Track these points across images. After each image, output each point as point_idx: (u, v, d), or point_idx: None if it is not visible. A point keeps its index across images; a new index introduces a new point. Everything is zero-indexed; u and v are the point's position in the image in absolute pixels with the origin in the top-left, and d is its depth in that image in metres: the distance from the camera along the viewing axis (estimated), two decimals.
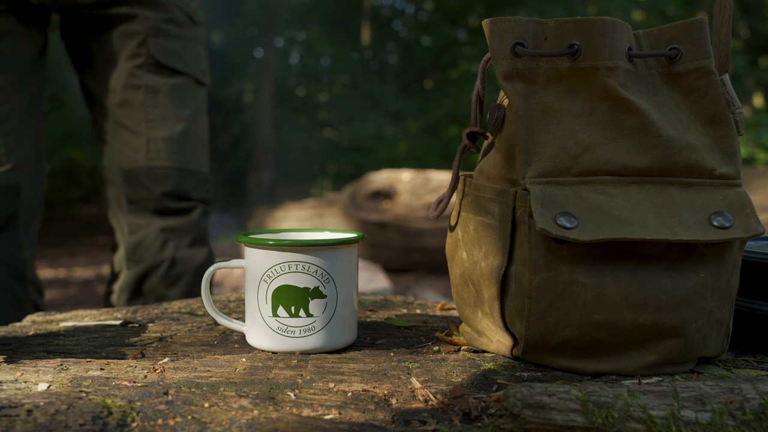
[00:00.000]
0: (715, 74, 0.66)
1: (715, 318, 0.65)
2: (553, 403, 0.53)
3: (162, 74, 1.36)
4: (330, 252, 0.71)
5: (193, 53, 1.40)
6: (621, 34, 0.65)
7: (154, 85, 1.35)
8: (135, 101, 1.35)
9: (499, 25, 0.65)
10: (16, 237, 1.29)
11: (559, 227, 0.60)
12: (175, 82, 1.37)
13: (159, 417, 0.54)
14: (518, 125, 0.64)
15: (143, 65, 1.35)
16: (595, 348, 0.64)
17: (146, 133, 1.35)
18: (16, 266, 1.28)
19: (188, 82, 1.39)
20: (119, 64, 1.35)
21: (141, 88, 1.35)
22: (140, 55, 1.34)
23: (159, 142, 1.36)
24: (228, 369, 0.66)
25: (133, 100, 1.35)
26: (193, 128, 1.39)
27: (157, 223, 1.36)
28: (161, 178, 1.36)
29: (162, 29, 1.35)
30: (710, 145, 0.65)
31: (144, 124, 1.35)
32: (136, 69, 1.35)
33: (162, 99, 1.36)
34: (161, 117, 1.36)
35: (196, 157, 1.41)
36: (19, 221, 1.30)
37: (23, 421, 0.51)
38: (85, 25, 1.37)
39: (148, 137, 1.35)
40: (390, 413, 0.56)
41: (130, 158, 1.36)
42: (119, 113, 1.36)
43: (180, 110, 1.37)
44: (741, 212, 0.63)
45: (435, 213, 0.74)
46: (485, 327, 0.71)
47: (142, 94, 1.35)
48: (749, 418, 0.54)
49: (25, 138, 1.32)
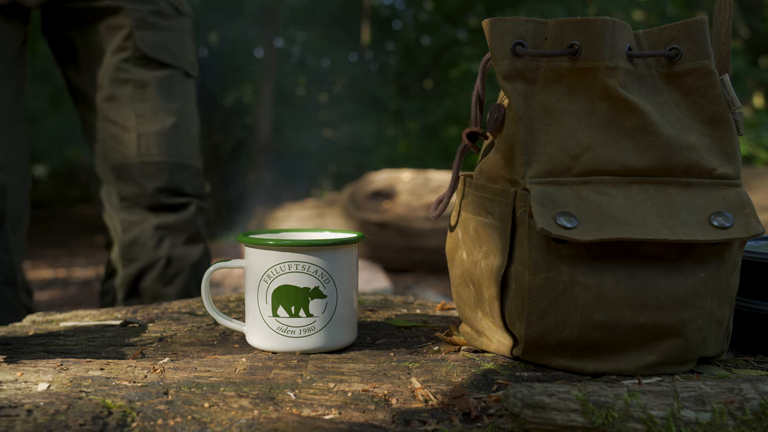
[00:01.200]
0: (715, 74, 0.66)
1: (715, 318, 0.65)
2: (553, 403, 0.53)
3: (149, 67, 1.33)
4: (330, 252, 0.71)
5: (181, 45, 1.37)
6: (621, 34, 0.65)
7: (142, 78, 1.32)
8: (123, 96, 1.32)
9: (499, 25, 0.65)
10: (3, 239, 1.27)
11: (559, 227, 0.60)
12: (164, 75, 1.34)
13: (159, 417, 0.54)
14: (518, 125, 0.64)
15: (130, 59, 1.32)
16: (595, 348, 0.64)
17: (136, 128, 1.32)
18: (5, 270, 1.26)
19: (177, 74, 1.37)
20: (105, 58, 1.32)
21: (129, 83, 1.32)
22: (127, 49, 1.31)
23: (150, 137, 1.33)
24: (228, 369, 0.66)
25: (121, 94, 1.32)
26: (184, 122, 1.37)
27: (152, 220, 1.34)
28: (154, 174, 1.33)
29: (148, 21, 1.32)
30: (710, 145, 0.65)
31: (134, 119, 1.32)
32: (123, 63, 1.32)
33: (151, 93, 1.33)
34: (151, 111, 1.33)
35: (188, 150, 1.38)
36: (5, 223, 1.28)
37: (23, 421, 0.51)
38: (68, 19, 1.34)
39: (139, 132, 1.33)
40: (390, 413, 0.56)
41: (120, 154, 1.34)
42: (107, 108, 1.33)
43: (170, 103, 1.34)
44: (741, 212, 0.63)
45: (435, 213, 0.74)
46: (485, 327, 0.71)
47: (131, 88, 1.32)
48: (749, 418, 0.54)
49: (8, 137, 1.29)
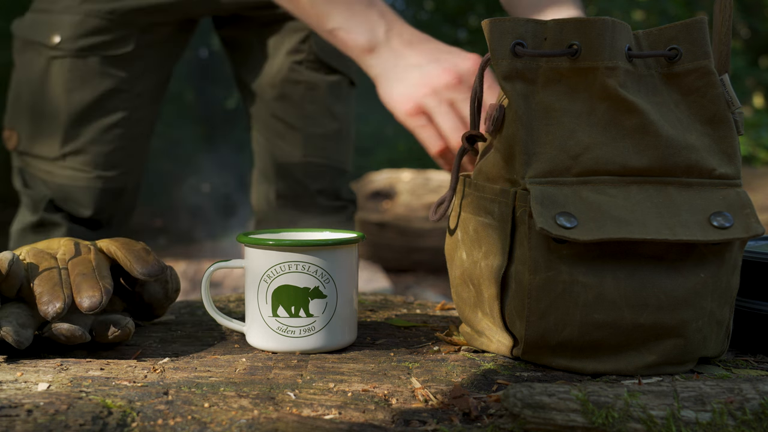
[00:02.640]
0: (714, 74, 0.66)
1: (715, 318, 0.65)
2: (553, 403, 0.53)
3: (321, 71, 1.35)
4: (330, 252, 0.71)
5: None
6: (621, 34, 0.65)
7: (313, 81, 1.34)
8: (294, 96, 1.34)
9: (499, 25, 0.65)
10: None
11: (559, 227, 0.60)
12: (333, 80, 1.36)
13: (159, 417, 0.54)
14: (518, 125, 0.64)
15: (303, 61, 1.33)
16: (595, 348, 0.64)
17: (304, 128, 1.34)
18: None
19: (344, 81, 1.38)
20: (279, 58, 1.34)
21: (301, 84, 1.34)
22: (302, 51, 1.33)
23: (316, 139, 1.35)
24: (228, 369, 0.66)
25: (292, 94, 1.34)
26: (347, 128, 1.39)
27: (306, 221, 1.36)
28: (317, 175, 1.35)
29: None
30: (710, 145, 0.65)
31: (302, 119, 1.34)
32: (296, 65, 1.33)
33: (320, 96, 1.34)
34: (319, 114, 1.35)
35: (347, 156, 1.40)
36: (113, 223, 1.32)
37: (23, 421, 0.51)
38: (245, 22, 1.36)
39: (306, 133, 1.34)
40: (390, 413, 0.56)
41: (285, 152, 1.35)
42: (277, 107, 1.35)
43: (336, 108, 1.36)
44: (741, 212, 0.62)
45: (435, 217, 0.73)
46: (485, 327, 0.71)
47: (302, 89, 1.34)
48: (749, 418, 0.54)
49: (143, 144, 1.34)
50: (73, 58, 1.25)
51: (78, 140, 1.27)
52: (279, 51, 1.35)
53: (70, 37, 1.24)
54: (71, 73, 1.25)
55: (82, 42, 1.24)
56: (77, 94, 1.25)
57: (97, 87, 1.26)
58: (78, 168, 1.27)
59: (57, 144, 1.27)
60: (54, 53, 1.25)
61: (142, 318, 0.83)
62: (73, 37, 1.24)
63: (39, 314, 0.69)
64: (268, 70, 1.36)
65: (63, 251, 0.76)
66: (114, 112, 1.28)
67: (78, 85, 1.25)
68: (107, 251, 0.77)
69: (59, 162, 1.27)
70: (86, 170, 1.27)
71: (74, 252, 0.75)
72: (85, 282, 0.70)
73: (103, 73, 1.26)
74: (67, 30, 1.24)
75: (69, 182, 1.27)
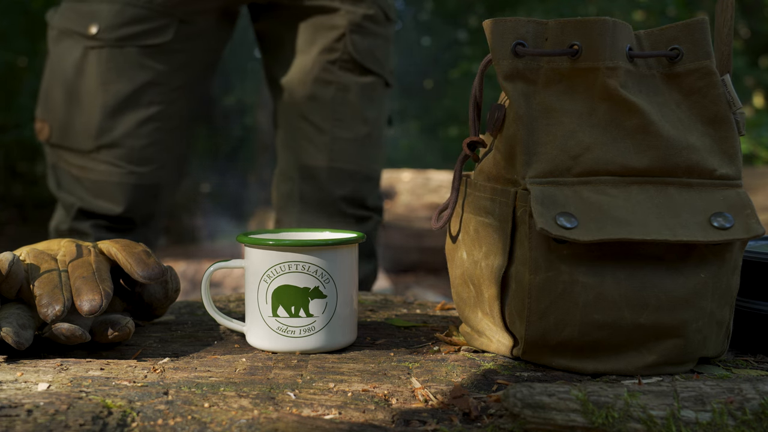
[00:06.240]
0: (716, 74, 0.66)
1: (715, 318, 0.65)
2: (553, 403, 0.53)
3: (355, 72, 1.29)
4: (330, 252, 0.71)
5: (385, 53, 1.33)
6: (621, 35, 0.65)
7: (345, 82, 1.29)
8: (324, 97, 1.29)
9: (500, 25, 0.65)
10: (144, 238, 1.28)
11: (559, 227, 0.60)
12: (366, 82, 1.30)
13: (159, 417, 0.54)
14: (519, 125, 0.64)
15: (337, 61, 1.28)
16: (595, 348, 0.64)
17: (331, 131, 1.29)
18: None
19: (378, 83, 1.33)
20: (312, 56, 1.29)
21: (332, 84, 1.29)
22: (336, 50, 1.28)
23: (344, 143, 1.30)
24: (228, 369, 0.66)
25: (322, 95, 1.29)
26: (377, 132, 1.34)
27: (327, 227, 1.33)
28: (342, 181, 1.30)
29: (362, 26, 1.28)
30: (711, 146, 0.65)
31: (330, 121, 1.29)
32: (329, 64, 1.29)
33: (352, 98, 1.29)
34: (348, 117, 1.30)
35: (375, 162, 1.35)
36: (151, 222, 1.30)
37: (23, 421, 0.51)
38: (279, 13, 1.32)
39: (333, 136, 1.29)
40: (390, 413, 0.56)
41: (310, 155, 1.31)
42: (306, 107, 1.30)
43: (367, 112, 1.31)
44: (741, 213, 0.62)
45: (438, 225, 0.73)
46: (485, 327, 0.71)
47: (333, 90, 1.29)
48: (749, 418, 0.54)
49: (179, 138, 1.31)
50: (111, 48, 1.22)
51: (113, 132, 1.24)
52: (312, 48, 1.30)
53: (109, 27, 1.21)
54: (108, 63, 1.22)
55: (121, 31, 1.21)
56: (113, 85, 1.23)
57: (134, 79, 1.23)
58: (111, 162, 1.24)
59: (91, 136, 1.24)
60: (91, 43, 1.22)
61: (142, 318, 0.83)
62: (112, 27, 1.21)
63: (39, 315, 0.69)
64: (299, 68, 1.31)
65: (63, 252, 0.76)
66: (150, 105, 1.25)
67: (114, 76, 1.23)
68: (108, 253, 0.77)
69: (93, 155, 1.24)
70: (120, 165, 1.24)
71: (75, 254, 0.75)
72: (86, 285, 0.70)
73: (141, 64, 1.23)
74: (105, 19, 1.21)
75: (102, 178, 1.25)
